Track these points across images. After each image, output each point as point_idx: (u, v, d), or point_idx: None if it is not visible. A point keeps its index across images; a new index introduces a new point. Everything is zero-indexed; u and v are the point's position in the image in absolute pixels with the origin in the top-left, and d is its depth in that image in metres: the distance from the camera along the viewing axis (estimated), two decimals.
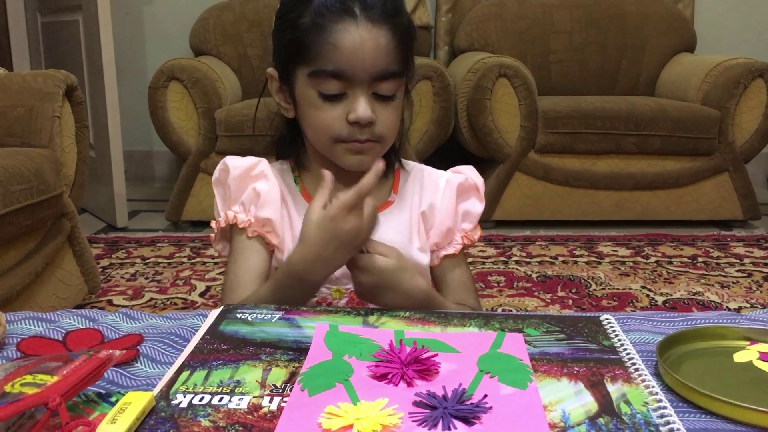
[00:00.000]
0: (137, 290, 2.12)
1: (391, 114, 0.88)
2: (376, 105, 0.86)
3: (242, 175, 0.93)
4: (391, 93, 0.87)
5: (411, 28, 0.89)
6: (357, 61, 0.82)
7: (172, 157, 3.30)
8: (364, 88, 0.84)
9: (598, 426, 0.53)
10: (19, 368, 0.54)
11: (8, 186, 1.53)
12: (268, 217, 0.91)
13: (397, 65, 0.85)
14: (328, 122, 0.86)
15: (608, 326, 0.72)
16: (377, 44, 0.83)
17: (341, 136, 0.87)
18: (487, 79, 2.67)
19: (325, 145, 0.89)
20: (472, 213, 0.99)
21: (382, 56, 0.83)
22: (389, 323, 0.72)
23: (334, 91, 0.84)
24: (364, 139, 0.87)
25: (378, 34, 0.83)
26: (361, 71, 0.83)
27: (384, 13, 0.83)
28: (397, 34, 0.85)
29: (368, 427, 0.52)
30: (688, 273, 2.28)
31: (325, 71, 0.83)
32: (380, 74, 0.84)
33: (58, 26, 3.10)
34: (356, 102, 0.84)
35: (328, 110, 0.86)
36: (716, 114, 2.73)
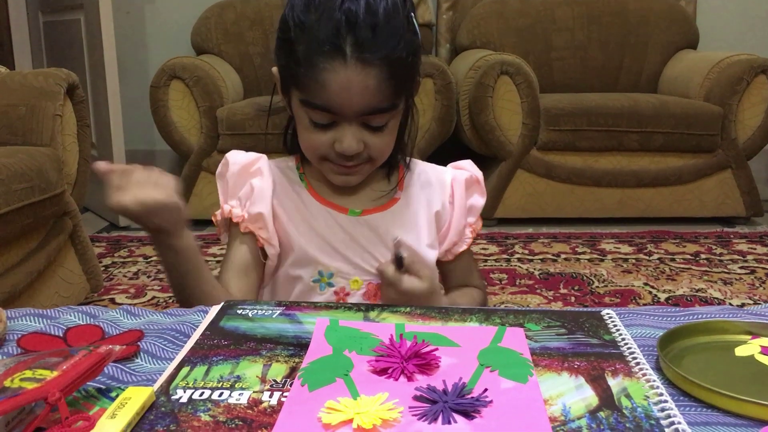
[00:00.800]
0: (139, 289, 2.12)
1: (382, 140, 0.87)
2: (365, 133, 0.85)
3: (241, 170, 0.94)
4: (382, 124, 0.86)
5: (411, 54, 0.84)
6: (344, 101, 0.81)
7: (174, 155, 3.30)
8: (352, 121, 0.84)
9: (598, 420, 0.53)
10: (18, 363, 0.54)
11: (10, 185, 1.53)
12: (259, 212, 0.92)
13: (388, 101, 0.83)
14: (316, 145, 0.87)
15: (609, 321, 0.72)
16: (365, 86, 0.81)
17: (329, 158, 0.88)
18: (489, 76, 2.67)
19: (313, 161, 0.91)
20: (476, 206, 1.01)
21: (371, 96, 0.82)
22: (389, 318, 0.72)
23: (323, 121, 0.84)
24: (351, 165, 0.88)
25: (367, 76, 0.80)
26: (348, 109, 0.82)
27: (376, 50, 0.80)
28: (391, 71, 0.81)
29: (368, 421, 0.52)
30: (691, 270, 2.27)
31: (314, 104, 0.83)
32: (368, 111, 0.83)
33: (60, 25, 3.11)
34: (343, 134, 0.84)
35: (317, 135, 0.86)
36: (719, 111, 2.73)
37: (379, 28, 0.80)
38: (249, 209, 0.92)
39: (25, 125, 1.79)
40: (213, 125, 2.71)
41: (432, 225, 0.97)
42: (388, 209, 0.95)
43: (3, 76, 1.87)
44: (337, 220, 0.94)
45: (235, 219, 0.93)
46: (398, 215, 0.95)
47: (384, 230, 0.93)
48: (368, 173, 0.92)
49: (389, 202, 0.96)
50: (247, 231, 0.93)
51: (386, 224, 0.94)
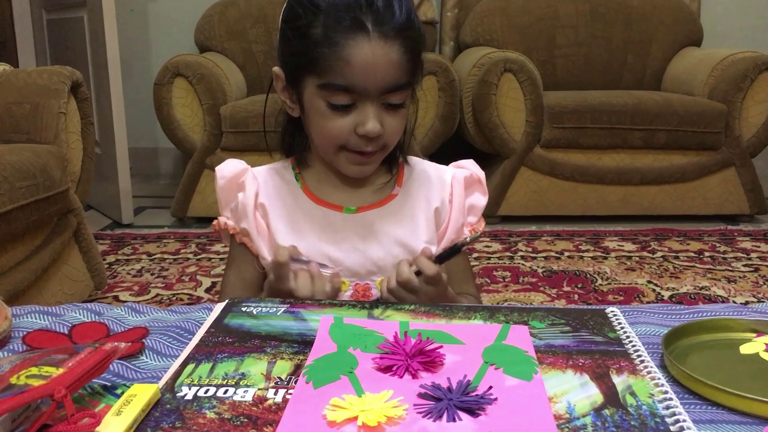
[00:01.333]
0: (143, 286, 2.12)
1: (397, 122, 0.88)
2: (384, 114, 0.85)
3: (228, 184, 0.96)
4: (401, 101, 0.86)
5: (421, 36, 0.88)
6: (369, 76, 0.82)
7: (178, 153, 3.30)
8: (374, 101, 0.84)
9: (603, 417, 0.53)
10: (24, 360, 0.54)
11: (14, 182, 1.54)
12: (244, 228, 0.94)
13: (408, 77, 0.85)
14: (335, 132, 0.86)
15: (614, 319, 0.72)
16: (389, 60, 0.82)
17: (348, 146, 0.87)
18: (493, 74, 2.66)
19: (329, 152, 0.90)
20: (477, 206, 1.00)
21: (394, 71, 0.82)
22: (394, 316, 0.72)
23: (344, 102, 0.84)
24: (370, 150, 0.87)
25: (390, 49, 0.82)
26: (372, 86, 0.83)
27: (396, 27, 0.82)
28: (409, 48, 0.83)
29: (373, 419, 0.52)
30: (695, 268, 2.27)
31: (336, 85, 0.83)
32: (391, 87, 0.83)
33: (63, 23, 3.11)
34: (365, 116, 0.84)
35: (337, 120, 0.85)
36: (723, 108, 2.72)
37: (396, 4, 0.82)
38: (238, 223, 0.95)
39: (29, 123, 1.79)
40: (216, 123, 2.71)
41: (431, 222, 0.97)
42: (385, 205, 0.95)
43: (7, 74, 1.88)
44: (330, 220, 0.93)
45: (230, 231, 0.96)
46: (395, 211, 0.95)
47: (379, 226, 0.93)
48: (379, 161, 0.92)
49: (386, 198, 0.96)
50: (241, 242, 0.96)
51: (382, 220, 0.94)
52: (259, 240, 0.94)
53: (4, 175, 1.51)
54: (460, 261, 1.00)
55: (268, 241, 0.94)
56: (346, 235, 0.93)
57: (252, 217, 0.94)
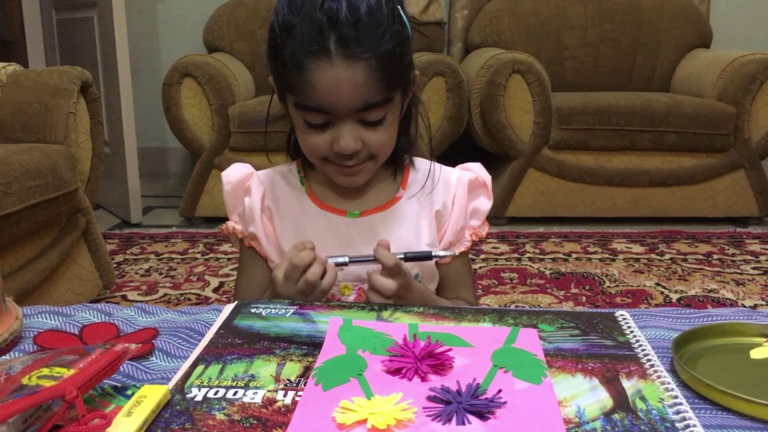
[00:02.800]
0: (151, 286, 2.13)
1: (381, 135, 0.86)
2: (363, 130, 0.85)
3: (234, 189, 0.96)
4: (378, 118, 0.85)
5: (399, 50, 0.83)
6: (335, 99, 0.81)
7: (186, 153, 3.31)
8: (347, 119, 0.83)
9: (613, 422, 0.53)
10: (35, 361, 0.54)
11: (24, 182, 1.54)
12: (252, 231, 0.95)
13: (380, 95, 0.82)
14: (314, 147, 0.86)
15: (623, 322, 0.71)
16: (354, 82, 0.80)
17: (329, 159, 0.87)
18: (501, 75, 2.66)
19: (316, 163, 0.91)
20: (481, 210, 0.99)
21: (361, 92, 0.81)
22: (403, 318, 0.72)
23: (318, 121, 0.84)
24: (351, 164, 0.87)
25: (354, 71, 0.79)
26: (341, 107, 0.82)
27: (361, 45, 0.79)
28: (379, 65, 0.80)
29: (382, 421, 0.52)
30: (703, 270, 2.26)
31: (307, 106, 0.83)
32: (361, 107, 0.82)
33: (73, 23, 3.12)
34: (339, 134, 0.84)
35: (315, 137, 0.85)
36: (732, 110, 2.71)
37: (362, 23, 0.79)
38: (246, 227, 0.96)
39: (39, 123, 1.80)
40: (225, 123, 2.72)
41: (432, 224, 0.96)
42: (388, 209, 0.95)
43: (17, 74, 1.89)
44: (333, 224, 0.93)
45: (239, 235, 0.97)
46: (398, 214, 0.95)
47: (382, 230, 0.93)
48: (372, 171, 0.91)
49: (390, 201, 0.95)
50: (250, 246, 0.97)
51: (385, 224, 0.93)
52: (267, 244, 0.95)
53: (14, 174, 1.52)
54: (458, 266, 1.00)
55: (275, 245, 0.95)
56: (350, 240, 0.92)
57: (259, 221, 0.94)
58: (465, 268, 1.01)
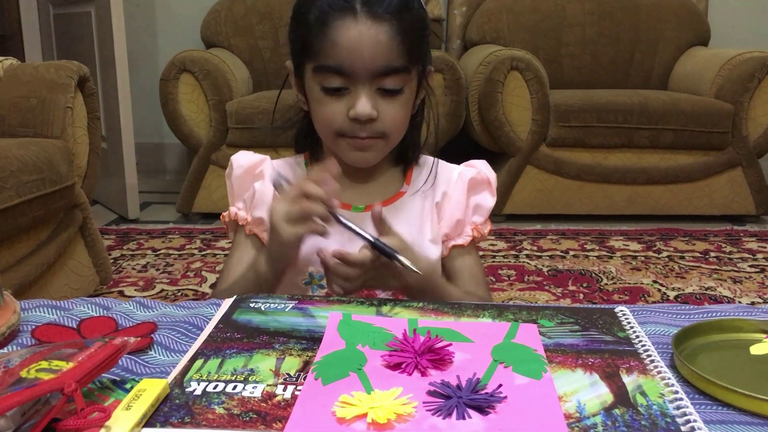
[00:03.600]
0: (148, 281, 2.13)
1: (396, 109, 0.86)
2: (380, 100, 0.85)
3: (245, 173, 0.95)
4: (397, 87, 0.85)
5: (421, 21, 0.86)
6: (356, 57, 0.82)
7: (183, 149, 3.31)
8: (366, 84, 0.83)
9: (613, 417, 0.53)
10: (34, 354, 0.54)
11: (21, 176, 1.54)
12: (260, 216, 0.93)
13: (401, 61, 0.84)
14: (329, 117, 0.86)
15: (623, 318, 0.71)
16: (377, 41, 0.81)
17: (343, 131, 0.87)
18: (499, 72, 2.66)
19: (329, 140, 0.90)
20: (483, 206, 0.99)
21: (383, 52, 0.82)
22: (402, 313, 0.72)
23: (336, 84, 0.84)
24: (365, 136, 0.86)
25: (378, 30, 0.81)
26: (361, 68, 0.82)
27: (387, 8, 0.81)
28: (402, 30, 0.82)
29: (383, 416, 0.52)
30: (700, 268, 2.26)
31: (327, 67, 0.83)
32: (381, 71, 0.83)
33: (71, 18, 3.11)
34: (357, 98, 0.84)
35: (331, 105, 0.85)
36: (730, 108, 2.71)
37: None
38: (252, 212, 0.94)
39: (36, 117, 1.79)
40: (222, 119, 2.71)
41: (434, 219, 0.96)
42: (393, 203, 0.95)
43: (14, 69, 1.88)
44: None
45: (240, 222, 0.95)
46: (402, 209, 0.94)
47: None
48: (383, 152, 0.91)
49: (394, 196, 0.95)
50: (251, 233, 0.95)
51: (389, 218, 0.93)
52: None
53: (11, 169, 1.51)
54: (466, 261, 0.99)
55: None
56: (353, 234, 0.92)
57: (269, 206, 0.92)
58: (473, 262, 1.00)
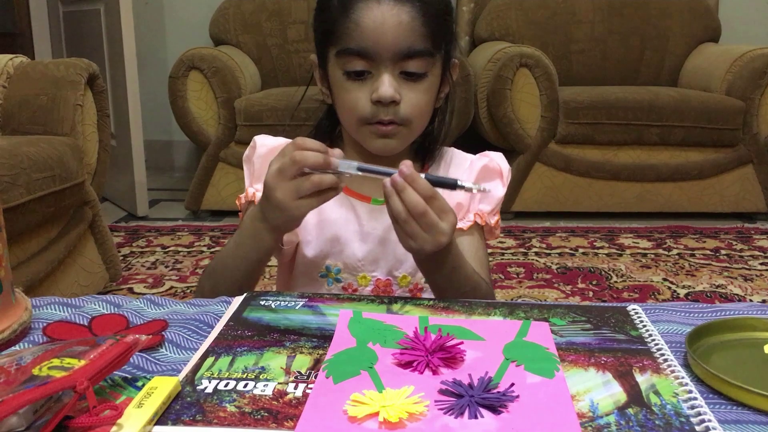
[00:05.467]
0: (157, 278, 2.13)
1: (418, 95, 0.85)
2: (403, 85, 0.84)
3: (267, 154, 0.93)
4: (420, 71, 0.84)
5: (444, 4, 0.86)
6: (378, 38, 0.81)
7: (192, 146, 3.31)
8: (388, 66, 0.83)
9: (627, 416, 0.53)
10: (46, 352, 0.54)
11: (31, 173, 1.54)
12: None
13: (424, 43, 0.83)
14: (353, 102, 0.85)
15: (635, 316, 0.71)
16: (399, 21, 0.81)
17: (366, 117, 0.85)
18: (508, 69, 2.65)
19: (353, 128, 0.89)
20: (493, 195, 0.96)
21: (406, 34, 0.82)
22: (413, 311, 0.72)
23: (358, 68, 0.84)
24: (387, 120, 0.85)
25: (401, 11, 0.81)
26: (384, 49, 0.82)
27: None
28: (425, 12, 0.82)
29: (394, 414, 0.51)
30: (711, 266, 2.25)
31: (349, 49, 0.83)
32: (404, 52, 0.82)
33: (80, 16, 3.12)
34: (379, 81, 0.83)
35: (354, 90, 0.85)
36: (740, 105, 2.69)
37: None
38: None
39: (46, 115, 1.80)
40: (231, 116, 2.72)
41: None
42: None
43: (24, 66, 1.88)
44: (357, 211, 0.93)
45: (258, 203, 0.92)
46: None
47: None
48: (406, 141, 0.90)
49: None
50: None
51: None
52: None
53: (21, 166, 1.52)
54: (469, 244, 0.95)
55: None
56: (372, 227, 0.92)
57: None
58: (476, 245, 0.97)
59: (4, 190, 1.44)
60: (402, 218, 0.72)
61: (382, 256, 0.92)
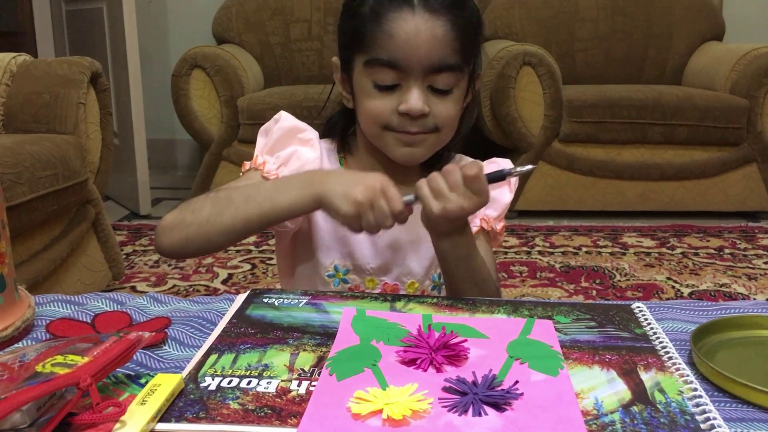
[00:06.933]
0: (160, 277, 2.13)
1: (447, 106, 0.84)
2: (431, 97, 0.83)
3: (289, 131, 0.91)
4: (448, 87, 0.83)
5: (476, 19, 0.85)
6: (411, 50, 0.80)
7: (195, 145, 3.31)
8: (418, 79, 0.82)
9: (632, 414, 0.52)
10: (49, 349, 0.54)
11: (34, 172, 1.54)
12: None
13: (455, 58, 0.82)
14: (378, 111, 0.84)
15: (640, 314, 0.71)
16: (433, 35, 0.80)
17: (391, 125, 0.84)
18: (511, 67, 2.64)
19: (375, 135, 0.87)
20: (499, 201, 0.96)
21: (438, 48, 0.81)
22: (417, 309, 0.72)
23: (388, 81, 0.82)
24: (414, 131, 0.84)
25: (435, 24, 0.80)
26: (416, 62, 0.81)
27: (444, 4, 0.80)
28: (458, 27, 0.81)
29: (398, 412, 0.51)
30: (715, 265, 2.24)
31: (380, 60, 0.82)
32: (435, 66, 0.81)
33: (83, 14, 3.12)
34: (409, 93, 0.82)
35: (381, 100, 0.83)
36: (745, 103, 2.68)
37: None
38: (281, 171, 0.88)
39: (49, 113, 1.80)
40: (234, 115, 2.72)
41: None
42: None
43: (27, 64, 1.89)
44: None
45: (264, 173, 0.89)
46: None
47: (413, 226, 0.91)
48: (432, 149, 0.89)
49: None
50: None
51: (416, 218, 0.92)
52: None
53: (24, 165, 1.52)
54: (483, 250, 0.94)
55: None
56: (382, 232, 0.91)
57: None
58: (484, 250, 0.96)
59: (7, 188, 1.44)
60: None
61: (392, 260, 0.91)
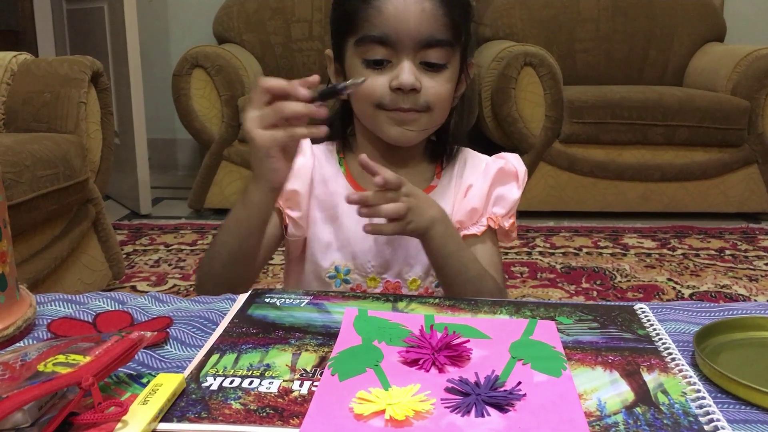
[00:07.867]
0: (161, 277, 2.13)
1: (439, 83, 0.85)
2: (423, 74, 0.84)
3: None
4: (441, 61, 0.84)
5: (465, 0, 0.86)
6: (400, 25, 0.81)
7: (195, 144, 3.31)
8: (409, 55, 0.83)
9: (635, 415, 0.52)
10: (51, 348, 0.54)
11: (35, 171, 1.54)
12: (295, 189, 0.90)
13: (445, 33, 0.83)
14: (370, 89, 0.84)
15: (642, 315, 0.70)
16: (422, 9, 0.81)
17: (383, 103, 0.84)
18: (512, 68, 2.64)
19: (368, 115, 0.87)
20: (507, 198, 0.94)
21: (428, 22, 0.82)
22: (419, 309, 0.72)
23: (378, 56, 0.83)
24: (407, 108, 0.84)
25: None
26: (406, 37, 0.82)
27: None
28: (446, 2, 0.83)
29: (401, 412, 0.51)
30: (716, 266, 2.24)
31: (370, 36, 0.82)
32: (425, 41, 0.82)
33: (83, 13, 3.12)
34: (399, 68, 0.83)
35: (372, 78, 0.83)
36: (746, 104, 2.68)
37: None
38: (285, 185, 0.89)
39: (50, 112, 1.79)
40: (234, 114, 2.71)
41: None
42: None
43: (28, 63, 1.88)
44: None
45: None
46: None
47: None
48: (425, 131, 0.88)
49: (425, 189, 0.93)
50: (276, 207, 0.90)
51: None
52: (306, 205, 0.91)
53: (25, 164, 1.52)
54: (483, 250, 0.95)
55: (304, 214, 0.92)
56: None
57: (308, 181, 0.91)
58: (490, 251, 0.96)
59: (8, 187, 1.44)
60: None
61: (393, 257, 0.91)
